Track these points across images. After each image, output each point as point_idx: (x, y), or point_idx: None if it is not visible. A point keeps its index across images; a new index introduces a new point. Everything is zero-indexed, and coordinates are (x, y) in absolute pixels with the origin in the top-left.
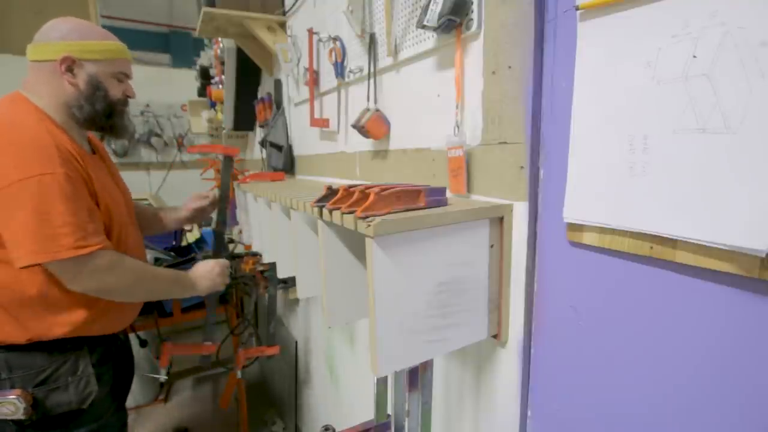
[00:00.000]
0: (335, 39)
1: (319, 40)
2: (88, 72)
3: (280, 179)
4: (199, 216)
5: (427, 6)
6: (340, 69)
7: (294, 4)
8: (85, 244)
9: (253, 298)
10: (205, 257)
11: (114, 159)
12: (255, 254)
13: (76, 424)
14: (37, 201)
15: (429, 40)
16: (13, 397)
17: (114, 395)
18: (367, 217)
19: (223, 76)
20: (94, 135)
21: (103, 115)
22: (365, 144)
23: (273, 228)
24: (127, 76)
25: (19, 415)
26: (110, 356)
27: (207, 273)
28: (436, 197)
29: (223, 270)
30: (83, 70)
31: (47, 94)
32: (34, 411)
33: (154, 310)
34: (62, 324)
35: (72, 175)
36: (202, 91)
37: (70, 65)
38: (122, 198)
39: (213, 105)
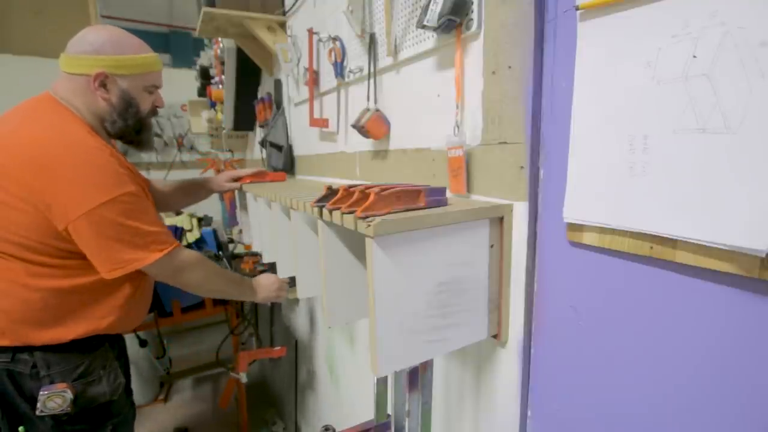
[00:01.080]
0: (335, 39)
1: (319, 40)
2: (121, 87)
3: (281, 179)
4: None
5: (427, 6)
6: (339, 69)
7: (294, 4)
8: (169, 245)
9: None
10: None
11: None
12: (255, 254)
13: (106, 416)
14: (124, 218)
15: (429, 40)
16: (61, 389)
17: (127, 389)
18: (367, 217)
19: (223, 76)
20: None
21: (133, 130)
22: (365, 144)
23: (273, 228)
24: (157, 87)
25: (66, 408)
26: (122, 351)
27: (269, 284)
28: (436, 197)
29: (282, 286)
30: (116, 86)
31: (83, 105)
32: (74, 405)
33: (154, 309)
34: (100, 324)
35: (138, 189)
36: (202, 91)
37: (103, 80)
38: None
39: (213, 105)
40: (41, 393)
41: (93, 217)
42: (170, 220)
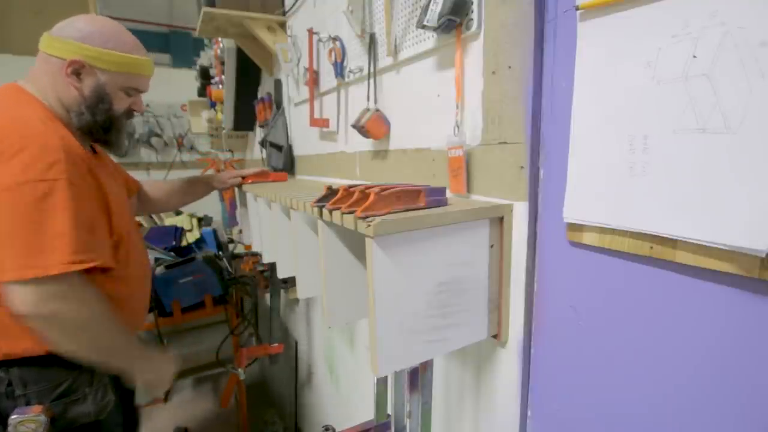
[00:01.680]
0: (335, 39)
1: (319, 40)
2: (98, 80)
3: (283, 180)
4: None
5: (427, 6)
6: (339, 69)
7: (294, 4)
8: (81, 259)
9: (252, 298)
10: (206, 257)
11: (114, 159)
12: (255, 254)
13: None
14: (31, 209)
15: (429, 40)
16: (35, 414)
17: (127, 405)
18: (367, 217)
19: (223, 76)
20: None
21: (100, 127)
22: (365, 144)
23: (273, 228)
24: (139, 91)
25: None
26: None
27: (160, 369)
28: (436, 197)
29: (170, 378)
30: (92, 78)
31: (51, 90)
32: (52, 426)
33: (154, 309)
34: None
35: (76, 183)
36: (202, 91)
37: (77, 69)
38: (126, 201)
39: (213, 105)
40: (12, 417)
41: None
42: (170, 220)
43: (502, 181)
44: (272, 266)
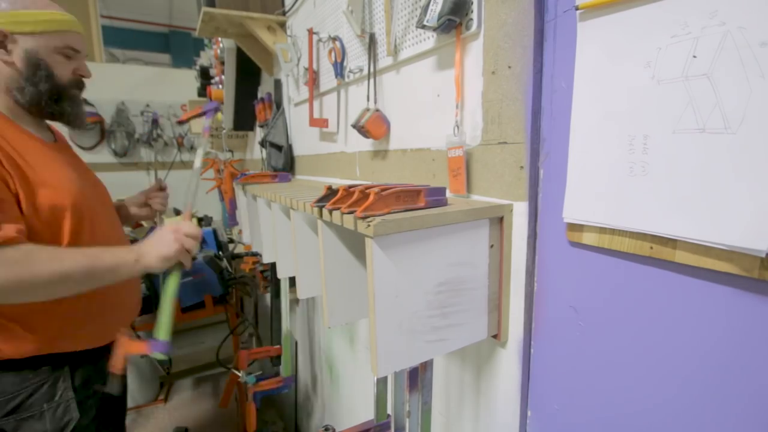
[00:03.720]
0: (335, 39)
1: (319, 40)
2: (24, 47)
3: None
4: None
5: (427, 6)
6: (339, 69)
7: (294, 4)
8: None
9: (253, 298)
10: (206, 257)
11: (114, 159)
12: (255, 254)
13: None
14: None
15: (429, 40)
16: None
17: (101, 425)
18: (366, 217)
19: (223, 76)
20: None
21: (49, 99)
22: (365, 144)
23: (273, 228)
24: (77, 51)
25: None
26: (98, 377)
27: (155, 242)
28: (435, 197)
29: (177, 236)
30: (17, 45)
31: None
32: None
33: (154, 309)
34: (28, 339)
35: None
36: (202, 91)
37: (1, 40)
38: (91, 188)
39: None
40: None
41: None
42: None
43: (502, 181)
44: (272, 266)
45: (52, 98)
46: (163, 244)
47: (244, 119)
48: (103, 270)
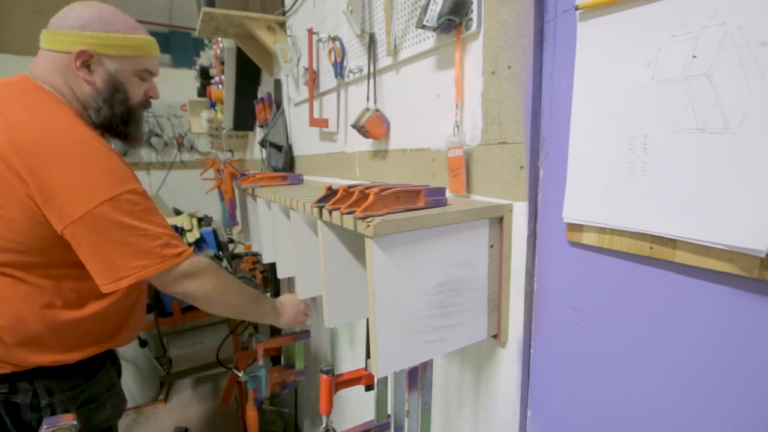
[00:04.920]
0: (335, 39)
1: (319, 40)
2: (107, 69)
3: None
4: None
5: (427, 6)
6: (339, 69)
7: (294, 4)
8: (182, 250)
9: None
10: (206, 257)
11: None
12: (255, 254)
13: None
14: (130, 218)
15: (428, 40)
16: (67, 422)
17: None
18: (366, 217)
19: (223, 76)
20: None
21: (120, 120)
22: (365, 144)
23: (273, 228)
24: (152, 74)
25: None
26: (118, 364)
27: (293, 307)
28: (435, 197)
29: (307, 308)
30: (102, 67)
31: (66, 88)
32: None
33: (154, 309)
34: (107, 341)
35: (142, 187)
36: (202, 91)
37: (86, 60)
38: None
39: (213, 105)
40: (43, 428)
41: (94, 218)
42: (170, 220)
43: (502, 181)
44: (272, 266)
45: (123, 119)
46: (294, 312)
47: (244, 119)
48: (262, 305)
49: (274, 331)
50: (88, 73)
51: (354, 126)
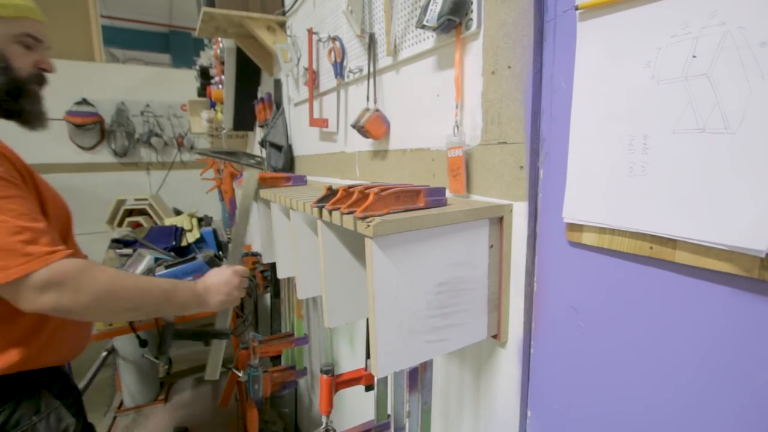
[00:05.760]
0: (335, 39)
1: (319, 40)
2: None
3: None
4: None
5: (427, 6)
6: (339, 69)
7: (294, 4)
8: (52, 251)
9: (252, 298)
10: (206, 257)
11: (114, 159)
12: (255, 254)
13: None
14: None
15: (428, 40)
16: None
17: (85, 425)
18: (366, 217)
19: (223, 76)
20: None
21: (6, 95)
22: (365, 144)
23: (273, 228)
24: (39, 41)
25: None
26: (71, 388)
27: (222, 285)
28: (435, 197)
29: (242, 281)
30: None
31: None
32: None
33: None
34: (8, 355)
35: (6, 171)
36: (202, 91)
37: None
38: (64, 206)
39: (213, 105)
40: None
41: None
42: (170, 220)
43: (502, 181)
44: (272, 266)
45: (11, 93)
46: (226, 292)
47: (244, 119)
48: (178, 300)
49: (274, 330)
50: None
51: (354, 126)
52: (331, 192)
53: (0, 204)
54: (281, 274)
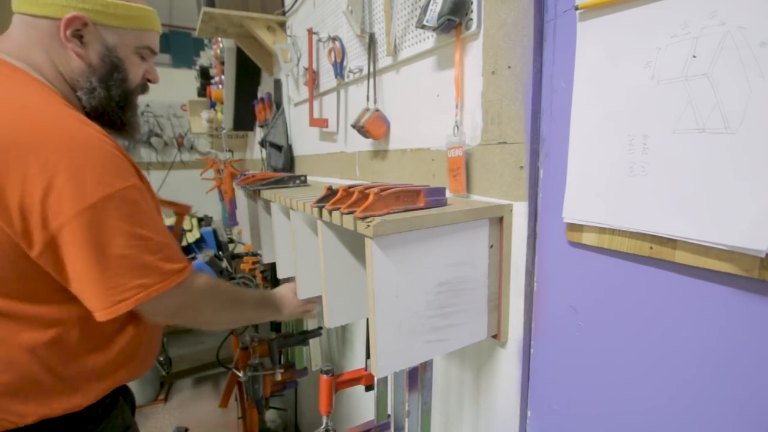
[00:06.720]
0: (335, 39)
1: (319, 40)
2: (105, 42)
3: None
4: None
5: (427, 6)
6: (339, 69)
7: (294, 4)
8: (185, 266)
9: None
10: (206, 257)
11: None
12: (255, 254)
13: None
14: (130, 223)
15: (428, 40)
16: None
17: None
18: (366, 217)
19: (223, 76)
20: None
21: (117, 106)
22: (365, 144)
23: (273, 228)
24: (153, 52)
25: None
26: (134, 402)
27: (293, 298)
28: (435, 197)
29: (311, 298)
30: (98, 39)
31: (48, 64)
32: None
33: None
34: (107, 376)
35: (142, 183)
36: (202, 91)
37: (78, 29)
38: None
39: (213, 105)
40: None
41: (86, 221)
42: (170, 220)
43: (502, 181)
44: (272, 266)
45: (120, 105)
46: (296, 304)
47: (244, 119)
48: (263, 308)
49: (275, 329)
50: (80, 46)
51: (354, 126)
52: (331, 192)
53: (143, 219)
54: (281, 274)
